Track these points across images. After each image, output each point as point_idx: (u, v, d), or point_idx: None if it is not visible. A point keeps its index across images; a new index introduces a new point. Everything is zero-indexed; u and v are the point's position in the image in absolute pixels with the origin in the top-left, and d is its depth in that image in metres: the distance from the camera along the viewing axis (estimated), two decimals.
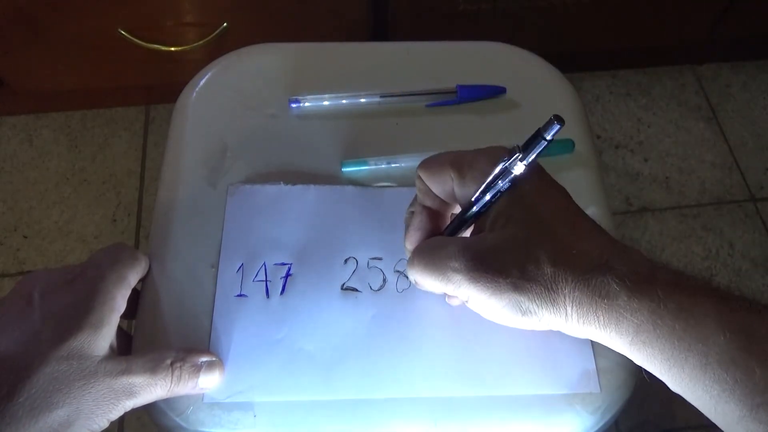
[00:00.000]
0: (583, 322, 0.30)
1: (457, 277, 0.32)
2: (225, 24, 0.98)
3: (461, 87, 0.49)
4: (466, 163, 0.34)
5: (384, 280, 0.42)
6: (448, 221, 0.38)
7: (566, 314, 0.30)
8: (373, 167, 0.46)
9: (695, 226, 1.13)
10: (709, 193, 1.16)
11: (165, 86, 1.14)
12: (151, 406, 0.37)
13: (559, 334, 0.40)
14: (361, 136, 0.48)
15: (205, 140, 0.47)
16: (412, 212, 0.38)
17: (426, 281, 0.34)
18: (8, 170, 1.14)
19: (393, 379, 0.38)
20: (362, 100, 0.49)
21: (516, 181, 0.32)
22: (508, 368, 0.39)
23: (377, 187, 0.45)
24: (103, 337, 0.34)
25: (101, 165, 1.15)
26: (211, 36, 0.99)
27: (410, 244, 0.37)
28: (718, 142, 1.22)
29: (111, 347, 0.35)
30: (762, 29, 1.19)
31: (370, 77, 0.51)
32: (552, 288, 0.30)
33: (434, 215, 0.37)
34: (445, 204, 0.37)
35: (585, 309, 0.30)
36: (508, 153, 0.32)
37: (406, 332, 0.40)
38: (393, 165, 0.46)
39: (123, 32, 0.97)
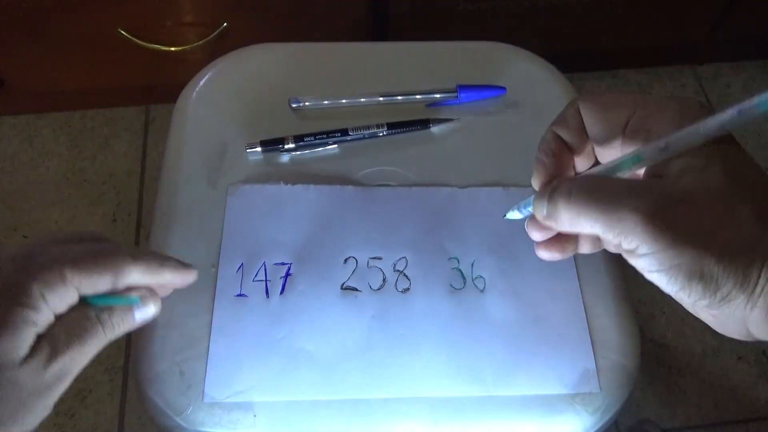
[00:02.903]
0: None
1: (633, 218, 0.26)
2: (225, 24, 0.98)
3: (461, 87, 0.49)
4: (654, 103, 0.29)
5: (384, 280, 0.42)
6: (571, 169, 0.34)
7: (753, 292, 0.25)
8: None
9: None
10: None
11: (165, 86, 1.14)
12: (151, 406, 0.37)
13: (559, 334, 0.40)
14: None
15: (205, 140, 0.47)
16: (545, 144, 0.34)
17: (582, 216, 0.28)
18: (8, 170, 1.14)
19: (393, 379, 0.38)
20: (362, 100, 0.49)
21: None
22: (508, 368, 0.39)
23: (377, 186, 0.45)
24: (24, 338, 0.29)
25: (101, 165, 1.15)
26: (211, 36, 0.99)
27: (540, 174, 0.33)
28: None
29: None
30: (762, 29, 1.19)
31: (370, 77, 0.51)
32: (748, 253, 0.25)
33: (564, 150, 0.33)
34: (582, 144, 0.32)
35: None
36: (704, 110, 0.28)
37: (406, 332, 0.40)
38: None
39: (123, 32, 0.97)
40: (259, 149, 0.46)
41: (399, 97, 0.49)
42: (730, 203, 0.25)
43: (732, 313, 0.26)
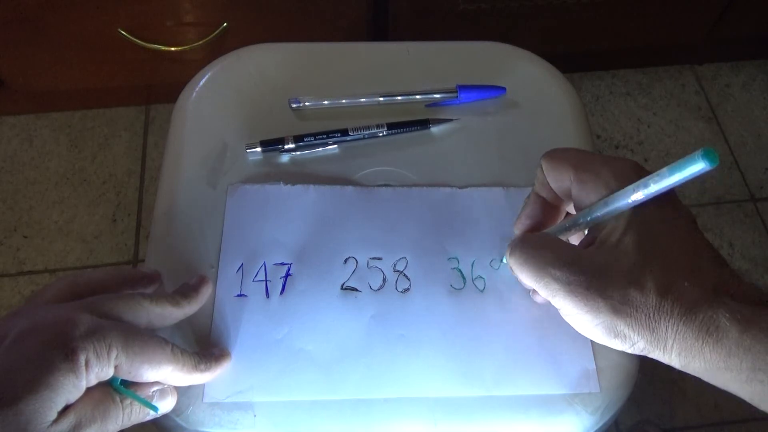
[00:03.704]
0: (685, 356, 0.29)
1: (555, 286, 0.31)
2: (225, 24, 0.98)
3: (461, 87, 0.49)
4: (590, 168, 0.33)
5: (384, 280, 0.42)
6: (562, 215, 0.37)
7: (665, 346, 0.29)
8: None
9: None
10: (709, 192, 1.16)
11: (165, 86, 1.14)
12: None
13: (559, 334, 0.40)
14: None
15: (205, 140, 0.47)
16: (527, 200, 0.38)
17: (521, 275, 0.34)
18: (8, 170, 1.14)
19: (393, 379, 0.38)
20: (362, 100, 0.49)
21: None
22: (508, 368, 0.39)
23: (377, 187, 0.45)
24: (59, 402, 0.29)
25: (101, 165, 1.15)
26: (211, 36, 0.99)
27: (518, 230, 0.37)
28: (718, 142, 1.22)
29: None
30: (762, 29, 1.19)
31: (370, 77, 0.51)
32: (654, 318, 0.29)
33: (548, 207, 0.37)
34: (560, 199, 0.36)
35: (689, 344, 0.28)
36: (638, 173, 0.31)
37: (406, 332, 0.40)
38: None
39: (123, 32, 0.97)
40: (259, 149, 0.46)
41: (399, 97, 0.49)
42: (638, 275, 0.29)
43: (644, 354, 0.30)
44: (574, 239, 0.37)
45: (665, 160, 1.19)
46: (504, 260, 0.42)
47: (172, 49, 1.00)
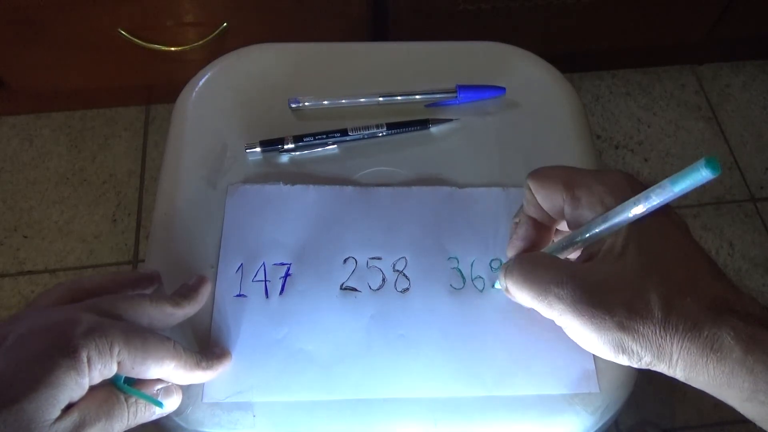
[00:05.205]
0: (689, 371, 0.29)
1: (561, 306, 0.30)
2: (225, 24, 0.98)
3: (461, 87, 0.49)
4: (582, 185, 0.32)
5: (383, 280, 0.42)
6: (553, 233, 0.37)
7: (671, 361, 0.29)
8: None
9: (695, 226, 1.13)
10: (708, 192, 1.16)
11: (165, 86, 1.14)
12: None
13: (559, 334, 0.40)
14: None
15: (205, 140, 0.47)
16: (517, 222, 0.37)
17: (521, 296, 0.33)
18: (8, 170, 1.14)
19: (393, 379, 0.38)
20: (362, 100, 0.49)
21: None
22: (508, 368, 0.39)
23: (377, 186, 0.45)
24: (62, 399, 0.29)
25: (101, 165, 1.15)
26: (211, 36, 0.99)
27: (511, 253, 0.37)
28: (718, 142, 1.22)
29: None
30: (762, 29, 1.19)
31: (370, 77, 0.51)
32: (660, 334, 0.28)
33: (540, 227, 0.36)
34: (552, 218, 0.35)
35: (693, 360, 0.28)
36: (631, 185, 0.31)
37: (405, 332, 0.40)
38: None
39: (123, 32, 0.97)
40: (258, 149, 0.46)
41: (399, 97, 0.49)
42: (641, 290, 0.29)
43: (650, 368, 0.30)
44: (570, 257, 0.37)
45: (665, 160, 1.19)
46: (496, 285, 0.41)
47: (172, 49, 1.00)
